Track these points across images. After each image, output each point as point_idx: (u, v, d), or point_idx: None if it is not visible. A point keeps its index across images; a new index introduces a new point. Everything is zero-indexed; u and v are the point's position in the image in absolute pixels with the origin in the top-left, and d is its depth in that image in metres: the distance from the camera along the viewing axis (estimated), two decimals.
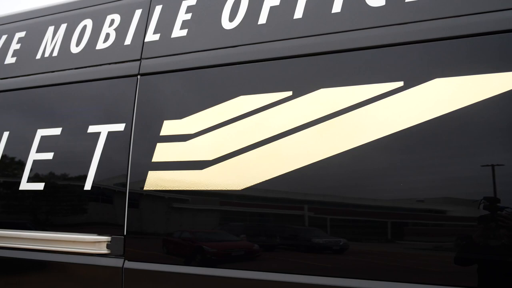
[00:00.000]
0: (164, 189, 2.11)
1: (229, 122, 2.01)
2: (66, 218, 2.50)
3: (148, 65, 2.33)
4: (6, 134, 2.67)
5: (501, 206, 1.52)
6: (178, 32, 2.28)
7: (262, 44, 2.05)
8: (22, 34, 2.83)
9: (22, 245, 2.45)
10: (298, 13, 1.99)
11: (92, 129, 2.38)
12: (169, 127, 2.15)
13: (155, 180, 2.12)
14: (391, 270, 1.69)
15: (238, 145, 1.96)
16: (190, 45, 2.23)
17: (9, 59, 2.82)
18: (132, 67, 2.36)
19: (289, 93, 1.90)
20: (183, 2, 2.30)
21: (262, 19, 2.07)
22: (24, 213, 2.64)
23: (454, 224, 1.66)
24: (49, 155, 2.49)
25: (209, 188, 2.01)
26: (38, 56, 2.70)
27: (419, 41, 1.73)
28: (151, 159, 2.14)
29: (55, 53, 2.64)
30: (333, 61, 1.88)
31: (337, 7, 1.91)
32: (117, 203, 2.27)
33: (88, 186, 2.32)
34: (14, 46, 2.83)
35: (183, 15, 2.29)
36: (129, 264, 2.16)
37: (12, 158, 2.68)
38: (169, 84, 2.27)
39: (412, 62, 1.74)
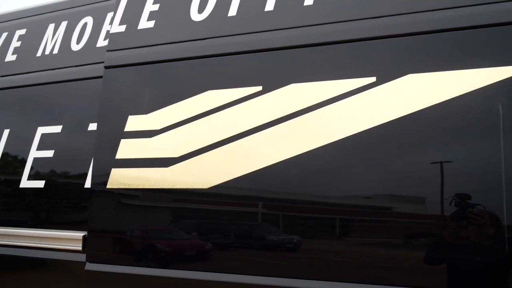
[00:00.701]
0: (128, 187, 2.02)
1: (196, 118, 1.93)
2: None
3: (112, 58, 2.23)
4: None
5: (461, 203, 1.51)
6: (145, 23, 2.19)
7: (232, 37, 1.97)
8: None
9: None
10: (270, 6, 1.92)
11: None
12: (134, 122, 2.06)
13: (119, 178, 2.03)
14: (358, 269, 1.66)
15: (205, 142, 1.88)
16: (157, 38, 2.14)
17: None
18: None
19: (259, 88, 1.84)
20: None
21: (233, 11, 1.99)
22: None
23: (420, 223, 1.62)
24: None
25: (175, 186, 1.93)
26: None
27: (395, 35, 1.68)
28: (115, 156, 2.05)
29: (54, 51, 2.59)
30: (305, 55, 1.82)
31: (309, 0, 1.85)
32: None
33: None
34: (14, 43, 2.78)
35: (150, 6, 2.20)
36: (91, 266, 2.08)
37: None
38: (135, 78, 2.18)
39: (386, 57, 1.69)
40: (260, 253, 1.82)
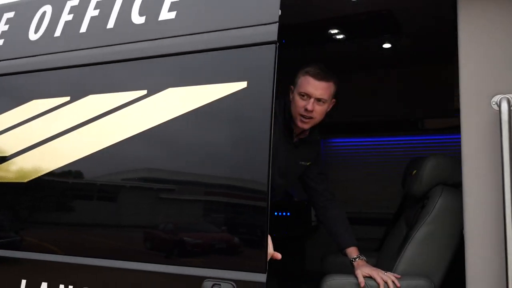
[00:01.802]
0: None
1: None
2: None
3: None
4: None
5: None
6: None
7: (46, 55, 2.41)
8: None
9: None
10: (83, 28, 2.34)
11: None
12: None
13: None
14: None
15: (25, 144, 2.31)
16: None
17: None
18: None
19: (68, 98, 2.25)
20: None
21: (58, 32, 2.40)
22: None
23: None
24: None
25: None
26: None
27: (162, 55, 2.08)
28: None
29: None
30: (99, 72, 2.24)
31: (111, 24, 2.25)
32: None
33: None
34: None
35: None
36: None
37: None
38: None
39: (155, 73, 2.11)
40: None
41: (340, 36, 3.48)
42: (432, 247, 2.34)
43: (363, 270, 2.31)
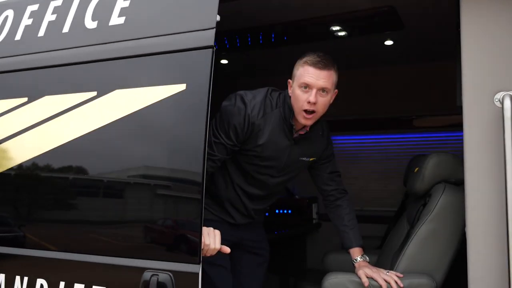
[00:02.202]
0: None
1: None
2: None
3: None
4: None
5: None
6: None
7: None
8: None
9: None
10: (41, 32, 2.44)
11: None
12: None
13: None
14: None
15: None
16: None
17: None
18: None
19: (25, 99, 2.37)
20: None
21: (18, 36, 2.51)
22: None
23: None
24: None
25: None
26: None
27: (111, 58, 2.19)
28: None
29: None
30: (53, 74, 2.35)
31: (66, 28, 2.36)
32: None
33: None
34: None
35: None
36: None
37: None
38: None
39: (103, 76, 2.23)
40: None
41: (342, 33, 3.47)
42: (434, 245, 2.33)
43: (365, 270, 2.28)
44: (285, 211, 4.54)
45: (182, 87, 1.98)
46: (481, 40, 1.77)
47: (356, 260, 2.42)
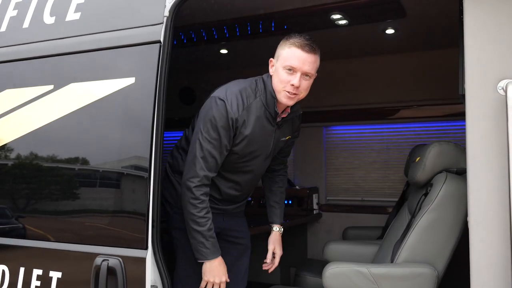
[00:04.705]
0: None
1: None
2: None
3: None
4: None
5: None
6: None
7: None
8: None
9: None
10: (3, 27, 2.55)
11: None
12: None
13: None
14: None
15: None
16: None
17: None
18: None
19: None
20: None
21: None
22: None
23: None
24: None
25: None
26: None
27: (67, 53, 2.30)
28: None
29: None
30: (16, 68, 2.46)
31: (26, 23, 2.46)
32: None
33: None
34: None
35: None
36: None
37: None
38: None
39: (60, 70, 2.33)
40: None
41: (343, 22, 3.44)
42: (435, 235, 2.33)
43: (275, 246, 2.63)
44: (286, 202, 4.52)
45: (131, 80, 2.11)
46: (484, 27, 1.74)
47: (274, 229, 2.65)
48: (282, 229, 2.68)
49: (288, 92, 2.19)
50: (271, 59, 2.29)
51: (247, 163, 2.37)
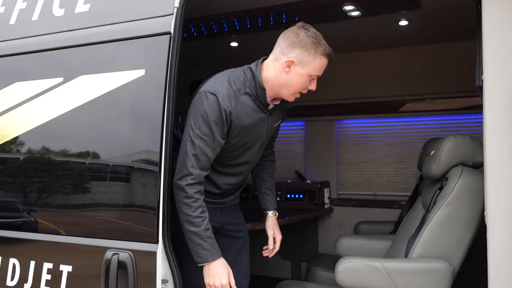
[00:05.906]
0: None
1: None
2: None
3: None
4: None
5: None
6: None
7: None
8: None
9: None
10: (13, 20, 2.54)
11: None
12: None
13: None
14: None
15: None
16: None
17: None
18: None
19: None
20: None
21: None
22: None
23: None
24: None
25: None
26: None
27: (76, 45, 2.28)
28: None
29: None
30: (24, 61, 2.46)
31: (35, 16, 2.45)
32: None
33: None
34: None
35: None
36: None
37: None
38: None
39: (70, 62, 2.32)
40: None
41: (356, 13, 3.39)
42: (451, 229, 2.28)
43: (275, 231, 2.57)
44: (297, 196, 4.50)
45: (141, 72, 2.09)
46: (503, 17, 1.69)
47: (270, 214, 2.61)
48: (277, 213, 2.68)
49: (300, 94, 2.21)
50: (293, 60, 2.13)
51: (242, 154, 2.33)
